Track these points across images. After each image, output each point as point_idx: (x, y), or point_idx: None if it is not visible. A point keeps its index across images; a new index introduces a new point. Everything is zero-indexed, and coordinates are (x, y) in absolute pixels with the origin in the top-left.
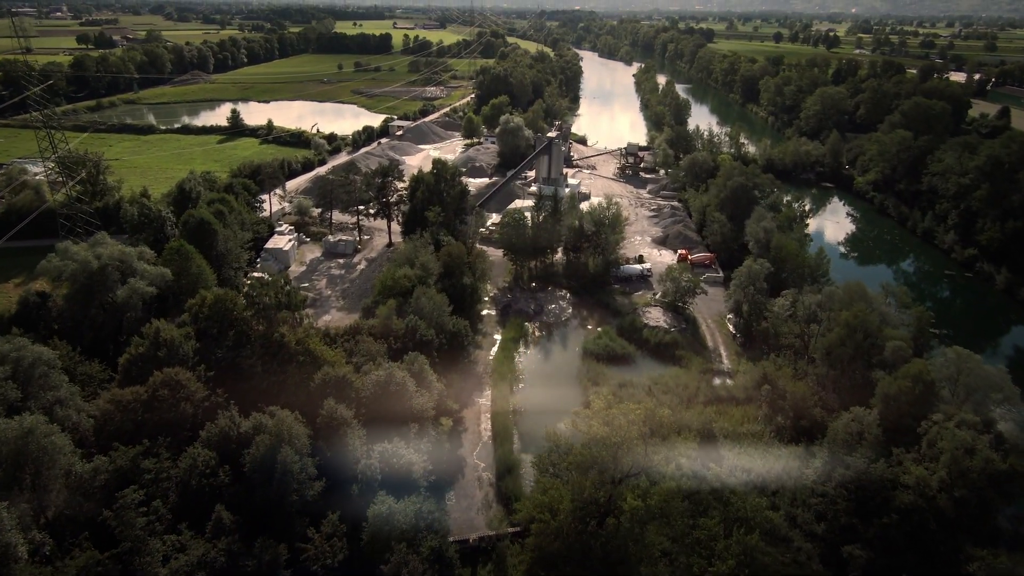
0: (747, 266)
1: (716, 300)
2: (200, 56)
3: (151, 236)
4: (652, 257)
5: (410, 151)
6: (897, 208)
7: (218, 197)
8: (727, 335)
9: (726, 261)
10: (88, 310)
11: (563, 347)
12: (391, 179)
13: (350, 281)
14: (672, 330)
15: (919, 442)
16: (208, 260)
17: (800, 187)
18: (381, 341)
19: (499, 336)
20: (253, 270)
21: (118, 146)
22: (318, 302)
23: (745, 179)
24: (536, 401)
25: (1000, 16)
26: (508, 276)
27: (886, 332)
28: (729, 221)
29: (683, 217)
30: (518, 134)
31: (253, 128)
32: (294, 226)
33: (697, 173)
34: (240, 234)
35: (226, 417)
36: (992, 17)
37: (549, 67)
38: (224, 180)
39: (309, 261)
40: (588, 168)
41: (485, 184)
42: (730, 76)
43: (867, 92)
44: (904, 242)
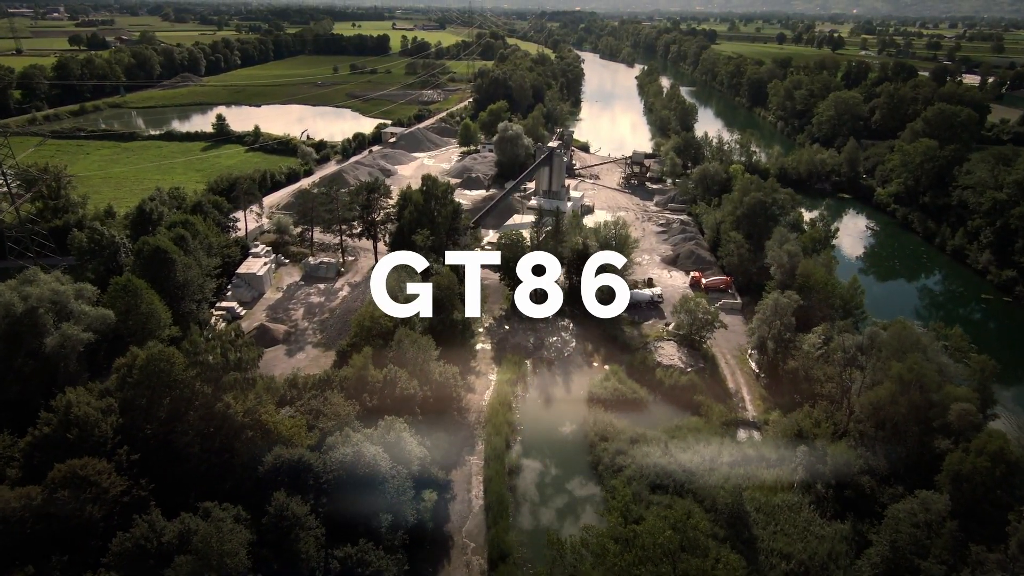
0: (773, 298)
1: (735, 330)
2: (191, 58)
3: (102, 265)
4: (662, 279)
5: (403, 160)
6: (923, 223)
7: (181, 219)
8: (749, 374)
9: (743, 285)
10: (13, 360)
11: (566, 389)
12: (377, 195)
13: (330, 311)
14: (688, 369)
15: (1006, 541)
16: (165, 293)
17: (815, 198)
18: (352, 402)
19: (494, 376)
20: (223, 299)
21: (96, 154)
22: (293, 336)
23: (763, 195)
24: (536, 465)
25: (1002, 17)
26: (505, 303)
27: (947, 390)
28: (746, 240)
29: (694, 234)
30: (517, 142)
31: (239, 135)
32: (272, 246)
33: (708, 186)
34: (205, 261)
35: (144, 524)
36: (994, 18)
37: (550, 69)
38: (193, 198)
39: (286, 286)
40: (591, 178)
41: (481, 197)
42: (736, 79)
43: (882, 97)
44: (932, 260)
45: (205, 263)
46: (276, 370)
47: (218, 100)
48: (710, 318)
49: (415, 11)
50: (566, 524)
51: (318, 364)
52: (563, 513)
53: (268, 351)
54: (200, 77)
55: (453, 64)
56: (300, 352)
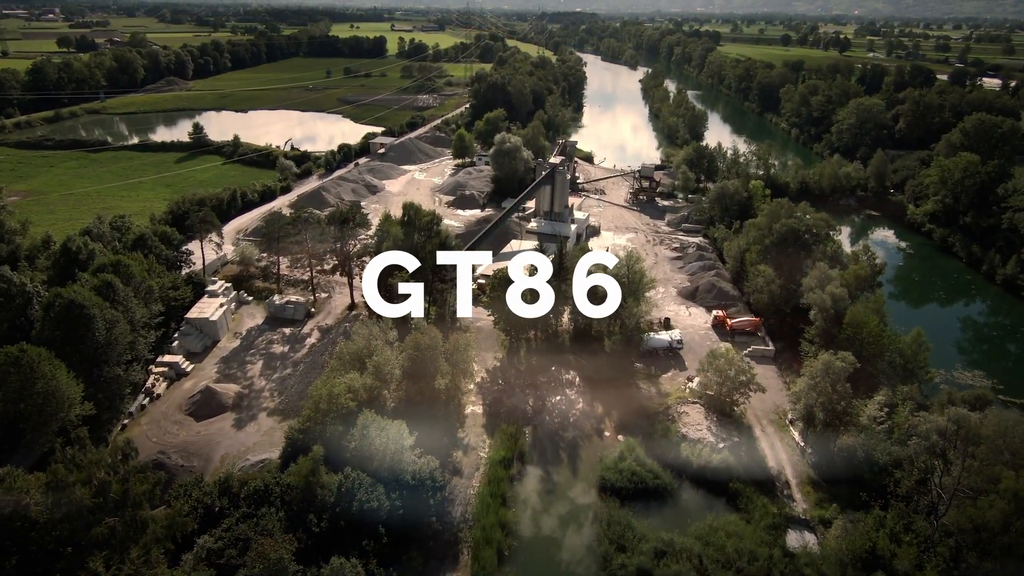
0: (824, 362)
1: (769, 383)
2: (178, 61)
3: (6, 322)
4: (680, 318)
5: (392, 174)
6: (966, 247)
7: (112, 261)
8: (791, 446)
9: (775, 328)
10: None
11: (573, 468)
12: (352, 225)
13: (293, 364)
14: (721, 445)
15: None
16: (81, 357)
17: (839, 215)
18: (290, 537)
19: (485, 452)
20: (168, 350)
21: (61, 166)
22: (245, 400)
23: (795, 221)
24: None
25: (1006, 18)
26: (501, 350)
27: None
28: (776, 273)
29: (713, 261)
30: (515, 156)
31: (218, 144)
32: (234, 281)
33: (727, 206)
34: (140, 312)
35: None
36: (997, 19)
37: (551, 73)
38: (140, 228)
39: (246, 331)
40: (596, 193)
41: (476, 219)
42: (745, 83)
43: (907, 104)
44: (980, 289)
45: (140, 314)
46: (219, 449)
47: (203, 105)
48: (746, 379)
49: (415, 12)
50: None
51: (272, 439)
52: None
53: (213, 422)
54: (187, 81)
55: (451, 67)
56: (252, 422)
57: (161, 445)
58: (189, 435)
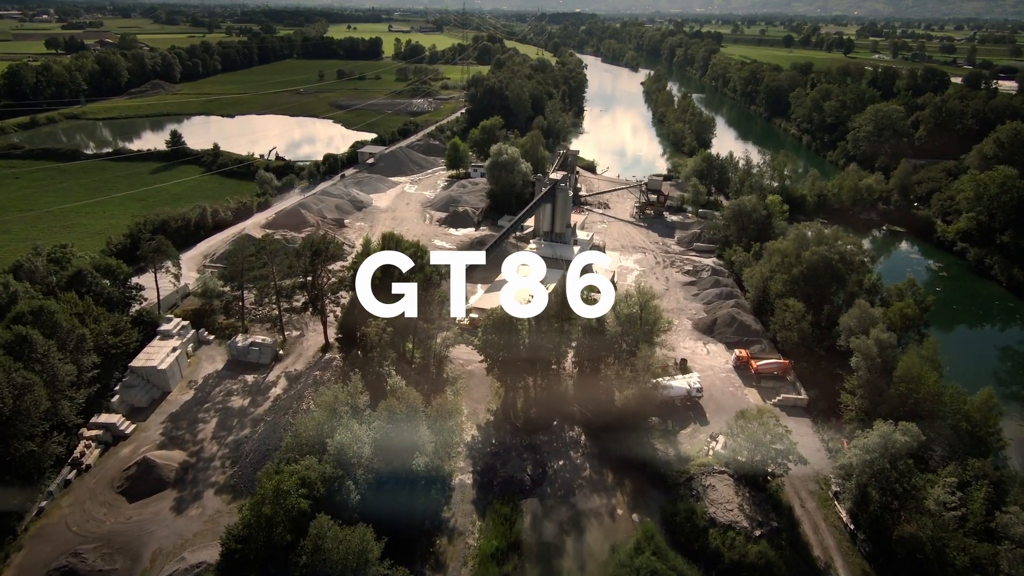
0: (881, 434)
1: (804, 442)
2: (164, 64)
3: None
4: (697, 356)
5: (380, 186)
6: (1006, 270)
7: (33, 308)
8: (839, 529)
9: (808, 373)
10: None
11: (579, 565)
12: (325, 257)
13: (253, 423)
14: (757, 533)
15: None
16: None
17: (860, 231)
18: None
19: (474, 540)
20: (107, 406)
21: (27, 178)
22: (191, 473)
23: (827, 250)
24: None
25: (1006, 19)
26: (495, 400)
27: None
28: (805, 307)
29: (731, 287)
30: (513, 168)
31: (198, 154)
32: (193, 317)
33: (744, 225)
34: (65, 370)
35: None
36: (998, 19)
37: (550, 77)
38: (81, 261)
39: (203, 379)
40: (599, 207)
41: (469, 239)
42: (751, 86)
43: (928, 110)
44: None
45: (64, 372)
46: (152, 542)
47: (189, 110)
48: (783, 449)
49: (413, 13)
50: None
51: (216, 528)
52: None
53: (149, 503)
54: (173, 84)
55: (447, 69)
56: (195, 504)
57: (82, 535)
58: (117, 521)
